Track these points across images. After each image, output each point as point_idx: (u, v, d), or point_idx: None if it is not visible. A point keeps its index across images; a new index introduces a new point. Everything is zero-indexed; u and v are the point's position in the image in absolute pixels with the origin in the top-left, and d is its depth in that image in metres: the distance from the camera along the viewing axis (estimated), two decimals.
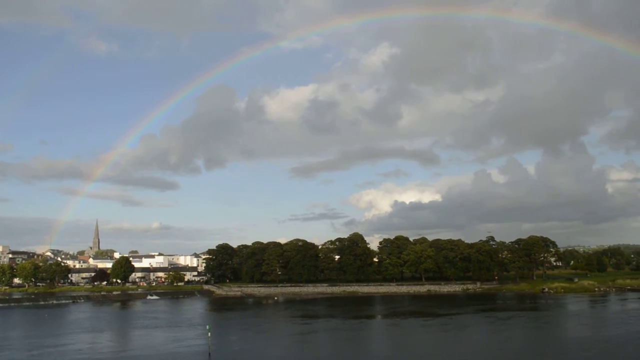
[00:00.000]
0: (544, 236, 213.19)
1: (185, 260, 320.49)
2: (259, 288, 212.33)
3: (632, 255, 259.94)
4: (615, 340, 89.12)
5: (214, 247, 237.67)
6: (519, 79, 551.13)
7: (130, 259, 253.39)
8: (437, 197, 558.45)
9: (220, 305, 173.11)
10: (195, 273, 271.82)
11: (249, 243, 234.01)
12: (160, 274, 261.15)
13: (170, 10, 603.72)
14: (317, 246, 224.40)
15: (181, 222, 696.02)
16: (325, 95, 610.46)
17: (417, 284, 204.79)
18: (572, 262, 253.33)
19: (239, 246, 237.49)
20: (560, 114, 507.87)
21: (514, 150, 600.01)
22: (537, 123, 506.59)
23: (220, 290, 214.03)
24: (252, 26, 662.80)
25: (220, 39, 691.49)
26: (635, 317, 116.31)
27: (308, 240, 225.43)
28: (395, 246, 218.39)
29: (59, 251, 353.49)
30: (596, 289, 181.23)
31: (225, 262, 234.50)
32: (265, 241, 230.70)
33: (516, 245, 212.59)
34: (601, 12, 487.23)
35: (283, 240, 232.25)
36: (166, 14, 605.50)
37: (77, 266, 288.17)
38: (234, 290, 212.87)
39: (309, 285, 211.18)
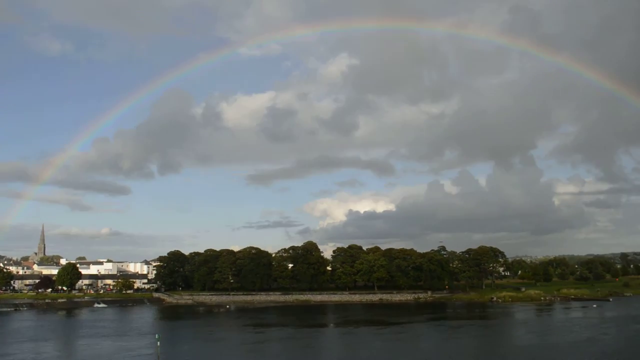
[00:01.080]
0: (494, 246, 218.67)
1: (135, 268, 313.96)
2: (210, 296, 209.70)
3: (577, 266, 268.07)
4: (561, 347, 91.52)
5: (165, 254, 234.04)
6: (473, 93, 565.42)
7: (77, 265, 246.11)
8: (391, 207, 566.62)
9: (170, 314, 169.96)
10: (146, 280, 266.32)
11: (202, 250, 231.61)
12: (109, 282, 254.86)
13: (128, 12, 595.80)
14: (270, 254, 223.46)
15: (132, 228, 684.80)
16: (283, 103, 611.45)
17: (370, 293, 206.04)
18: (519, 272, 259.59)
19: (191, 253, 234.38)
20: (511, 128, 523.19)
21: (467, 162, 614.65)
22: (489, 136, 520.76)
23: (170, 299, 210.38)
24: (210, 31, 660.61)
25: (178, 43, 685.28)
26: (579, 326, 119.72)
27: (262, 248, 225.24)
28: (348, 255, 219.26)
29: (1, 257, 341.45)
30: (542, 298, 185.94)
31: (177, 270, 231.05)
32: (218, 249, 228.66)
33: (466, 255, 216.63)
34: (552, 33, 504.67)
35: (236, 248, 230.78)
36: (123, 15, 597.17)
37: (21, 272, 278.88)
38: (185, 298, 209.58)
39: (262, 293, 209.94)
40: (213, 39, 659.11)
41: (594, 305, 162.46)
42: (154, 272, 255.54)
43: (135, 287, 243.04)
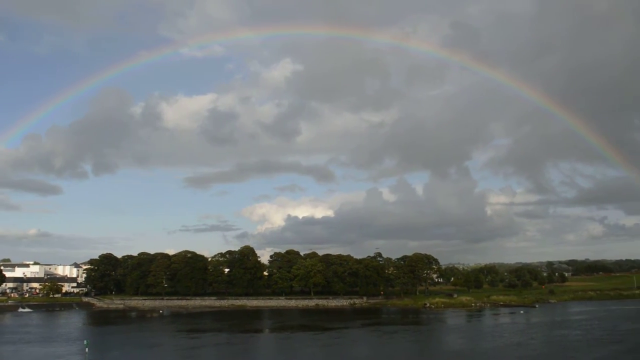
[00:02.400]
0: (428, 254, 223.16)
1: (64, 271, 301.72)
2: (143, 301, 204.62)
3: (506, 273, 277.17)
4: (491, 352, 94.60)
5: (97, 257, 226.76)
6: (413, 104, 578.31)
7: (1, 267, 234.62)
8: (330, 213, 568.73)
9: (100, 319, 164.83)
10: (75, 284, 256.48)
11: (135, 254, 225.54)
12: (35, 285, 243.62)
13: (65, 4, 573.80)
14: (206, 258, 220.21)
15: (62, 230, 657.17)
16: (225, 106, 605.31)
17: (306, 298, 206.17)
18: (452, 278, 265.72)
19: (124, 256, 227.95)
20: (449, 139, 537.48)
21: (405, 171, 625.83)
22: (427, 146, 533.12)
23: (101, 303, 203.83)
24: (153, 30, 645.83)
25: (118, 40, 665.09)
26: (507, 331, 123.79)
27: (198, 253, 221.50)
28: (285, 260, 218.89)
29: None
30: (473, 304, 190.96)
31: (108, 273, 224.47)
32: (152, 252, 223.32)
33: (402, 262, 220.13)
34: (490, 48, 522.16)
35: (172, 251, 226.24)
36: (60, 7, 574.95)
37: None
38: (116, 302, 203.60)
39: (197, 298, 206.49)
40: (155, 38, 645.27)
41: (521, 312, 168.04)
42: (84, 275, 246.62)
43: (64, 290, 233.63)
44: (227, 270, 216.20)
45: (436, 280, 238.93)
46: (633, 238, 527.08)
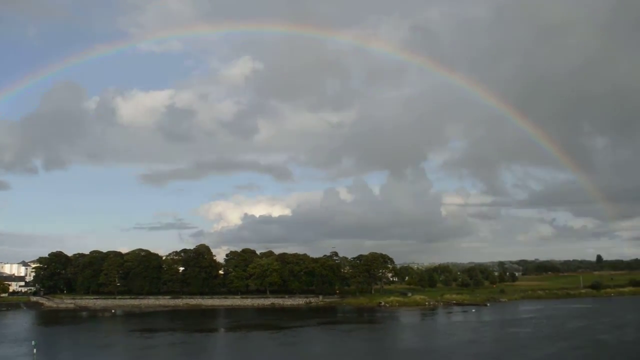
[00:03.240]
0: (384, 253, 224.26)
1: (11, 269, 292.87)
2: (94, 300, 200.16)
3: (459, 273, 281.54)
4: (444, 350, 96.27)
5: (46, 255, 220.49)
6: (372, 105, 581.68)
7: None
8: (287, 212, 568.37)
9: (49, 319, 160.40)
10: (23, 283, 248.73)
11: (87, 252, 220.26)
12: None
13: None
14: (161, 257, 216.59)
15: (9, 227, 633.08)
16: (183, 102, 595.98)
17: (262, 297, 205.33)
18: (407, 277, 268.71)
19: (75, 255, 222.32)
20: (406, 140, 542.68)
21: (363, 171, 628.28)
22: (385, 147, 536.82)
23: (50, 303, 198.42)
24: (109, 23, 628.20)
25: (73, 32, 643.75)
26: (460, 329, 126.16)
27: (152, 251, 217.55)
28: (242, 259, 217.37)
29: None
30: (427, 303, 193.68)
31: (58, 272, 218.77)
32: (105, 250, 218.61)
33: (357, 261, 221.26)
34: (448, 52, 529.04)
35: (125, 249, 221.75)
36: None
37: None
38: (66, 302, 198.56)
39: (150, 297, 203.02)
40: (112, 31, 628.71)
41: (473, 310, 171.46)
42: (33, 274, 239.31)
43: (11, 290, 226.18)
44: (182, 269, 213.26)
45: (391, 279, 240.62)
46: (580, 239, 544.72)
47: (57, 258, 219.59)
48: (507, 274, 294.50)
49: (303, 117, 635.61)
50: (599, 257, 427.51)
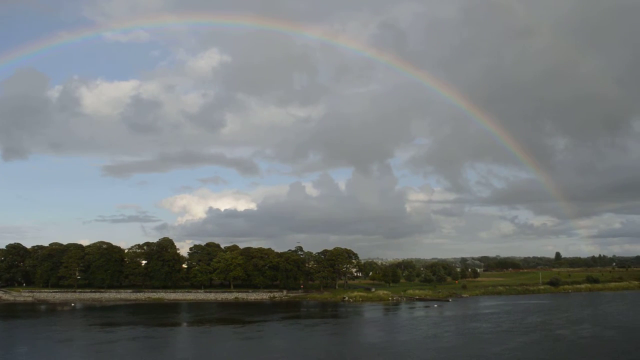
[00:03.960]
0: (348, 248, 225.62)
1: None
2: (54, 293, 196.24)
3: (422, 269, 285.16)
4: (408, 344, 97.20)
5: (4, 247, 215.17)
6: (340, 100, 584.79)
7: None
8: (253, 206, 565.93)
9: (6, 313, 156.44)
10: None
11: (47, 244, 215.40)
12: None
13: None
14: (123, 250, 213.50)
15: None
16: (148, 93, 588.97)
17: (226, 291, 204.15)
18: (371, 273, 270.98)
19: (34, 247, 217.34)
20: (373, 137, 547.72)
21: (329, 166, 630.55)
22: (352, 143, 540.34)
23: (7, 296, 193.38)
24: (74, 10, 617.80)
25: (37, 18, 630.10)
26: (422, 324, 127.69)
27: (115, 244, 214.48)
28: (205, 253, 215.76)
29: None
30: (390, 298, 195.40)
31: (16, 264, 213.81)
32: (65, 242, 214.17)
33: (322, 256, 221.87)
34: (415, 51, 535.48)
35: (86, 242, 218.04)
36: None
37: None
38: (24, 295, 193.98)
39: (112, 291, 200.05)
40: (77, 19, 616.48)
41: (435, 305, 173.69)
42: None
43: None
44: (144, 262, 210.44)
45: (355, 274, 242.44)
46: (540, 237, 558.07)
47: (15, 250, 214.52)
48: (469, 270, 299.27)
49: (270, 112, 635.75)
50: (557, 255, 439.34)
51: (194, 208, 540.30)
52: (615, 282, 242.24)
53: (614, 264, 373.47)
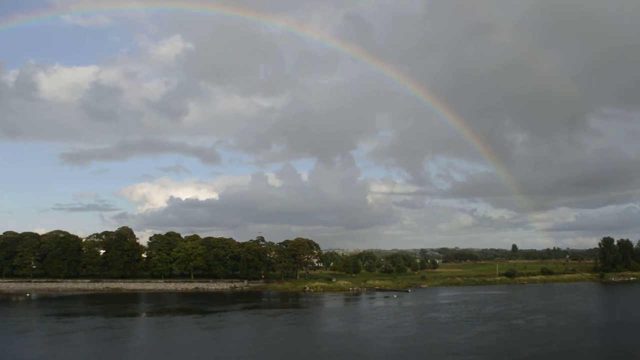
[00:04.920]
0: (310, 239, 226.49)
1: None
2: (7, 283, 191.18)
3: (383, 259, 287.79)
4: (368, 334, 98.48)
5: None
6: (304, 91, 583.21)
7: None
8: (215, 196, 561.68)
9: None
10: None
11: (0, 233, 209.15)
12: None
13: None
14: (81, 239, 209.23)
15: None
16: (108, 80, 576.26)
17: (186, 281, 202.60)
18: (332, 263, 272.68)
19: None
20: (336, 128, 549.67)
21: (292, 157, 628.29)
22: (315, 134, 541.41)
23: None
24: None
25: None
26: (382, 314, 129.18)
27: (72, 233, 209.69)
28: (166, 242, 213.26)
29: None
30: (350, 288, 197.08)
31: None
32: (20, 231, 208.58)
33: (283, 246, 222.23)
34: (380, 43, 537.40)
35: (43, 231, 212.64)
36: None
37: None
38: None
39: (69, 280, 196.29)
40: (34, 0, 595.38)
41: (395, 296, 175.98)
42: None
43: None
44: (102, 251, 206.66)
45: (317, 264, 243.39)
46: (498, 229, 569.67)
47: None
48: (429, 261, 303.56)
49: (234, 101, 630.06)
50: (514, 247, 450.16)
51: (154, 197, 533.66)
52: (569, 273, 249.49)
53: (568, 256, 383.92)
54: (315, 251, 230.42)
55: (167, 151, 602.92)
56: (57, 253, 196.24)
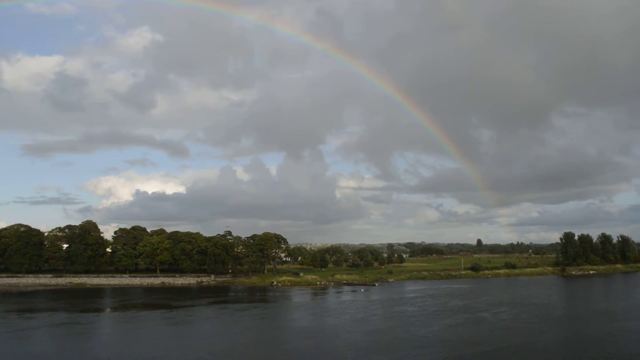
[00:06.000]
0: (278, 233, 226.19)
1: None
2: None
3: (350, 254, 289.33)
4: (337, 328, 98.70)
5: None
6: (274, 85, 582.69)
7: None
8: (182, 190, 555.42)
9: None
10: None
11: None
12: None
13: None
14: (43, 233, 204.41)
15: None
16: (73, 70, 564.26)
17: (152, 276, 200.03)
18: (299, 258, 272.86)
19: None
20: (305, 122, 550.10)
21: (261, 151, 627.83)
22: (284, 128, 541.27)
23: None
24: None
25: None
26: (350, 308, 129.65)
27: (34, 227, 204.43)
28: (131, 236, 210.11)
29: None
30: (318, 282, 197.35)
31: None
32: None
33: (251, 241, 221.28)
34: (351, 39, 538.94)
35: (3, 224, 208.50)
36: None
37: None
38: None
39: (30, 275, 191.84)
40: None
41: (362, 290, 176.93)
42: None
43: None
44: (66, 246, 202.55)
45: (284, 259, 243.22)
46: (463, 224, 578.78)
47: None
48: (395, 255, 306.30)
49: (203, 94, 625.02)
50: (479, 241, 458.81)
51: (119, 190, 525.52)
52: (531, 267, 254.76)
53: (530, 250, 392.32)
54: (283, 245, 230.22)
55: (134, 144, 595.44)
56: (18, 247, 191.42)
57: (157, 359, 74.62)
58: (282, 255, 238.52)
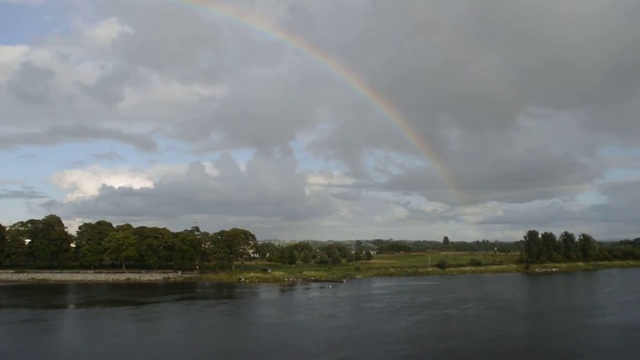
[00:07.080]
0: (246, 229, 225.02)
1: None
2: None
3: (318, 250, 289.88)
4: (306, 324, 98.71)
5: None
6: (245, 81, 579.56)
7: None
8: (150, 185, 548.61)
9: None
10: None
11: None
12: None
13: None
14: (4, 227, 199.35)
15: None
16: (39, 61, 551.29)
17: (117, 272, 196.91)
18: (268, 254, 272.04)
19: None
20: (276, 119, 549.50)
21: (231, 146, 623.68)
22: (255, 124, 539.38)
23: None
24: None
25: None
26: (318, 304, 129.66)
27: None
28: (96, 232, 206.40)
29: None
30: (286, 279, 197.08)
31: None
32: None
33: (219, 237, 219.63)
34: (323, 36, 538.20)
35: None
36: None
37: None
38: None
39: None
40: None
41: (330, 286, 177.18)
42: None
43: None
44: (28, 241, 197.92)
45: (252, 255, 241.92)
46: (431, 222, 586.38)
47: None
48: (364, 252, 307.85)
49: (173, 88, 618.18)
50: (445, 239, 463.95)
51: (85, 184, 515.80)
52: (496, 265, 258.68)
53: (496, 248, 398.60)
54: (251, 242, 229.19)
55: (101, 137, 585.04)
56: None
57: (123, 356, 73.52)
58: (250, 251, 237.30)
